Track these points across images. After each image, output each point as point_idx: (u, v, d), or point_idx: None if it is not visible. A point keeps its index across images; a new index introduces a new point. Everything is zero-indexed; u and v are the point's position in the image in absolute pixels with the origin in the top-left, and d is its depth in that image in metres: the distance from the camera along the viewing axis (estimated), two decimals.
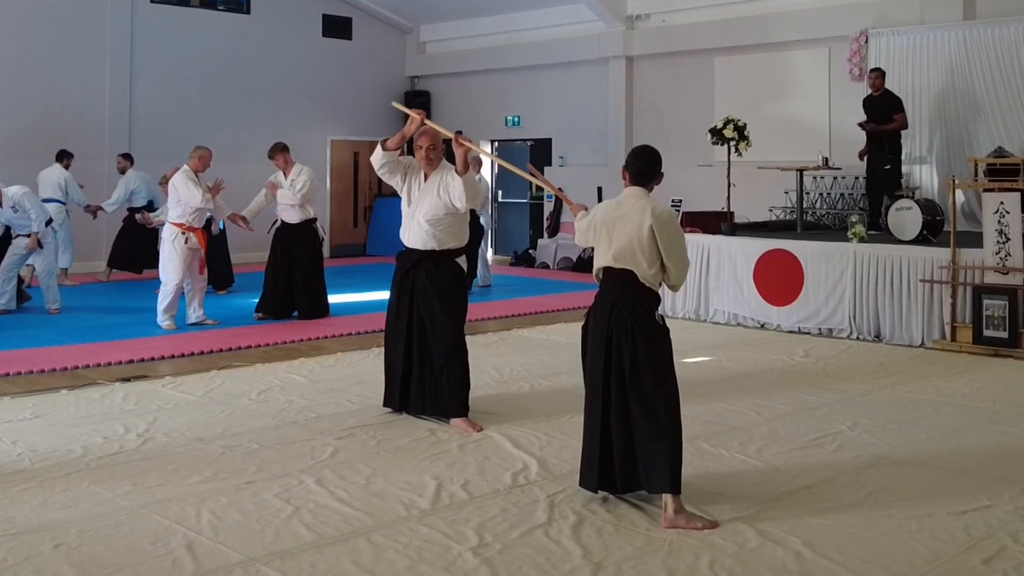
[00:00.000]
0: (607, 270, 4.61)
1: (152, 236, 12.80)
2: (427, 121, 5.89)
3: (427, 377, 5.99)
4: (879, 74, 11.13)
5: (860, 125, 11.07)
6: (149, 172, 13.64)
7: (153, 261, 12.74)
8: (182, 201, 9.48)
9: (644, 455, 4.40)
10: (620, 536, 4.21)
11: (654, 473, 4.37)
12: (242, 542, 4.12)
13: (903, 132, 11.07)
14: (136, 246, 13.32)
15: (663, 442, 4.35)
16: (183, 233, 9.49)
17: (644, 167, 4.66)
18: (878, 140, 10.90)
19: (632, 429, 4.43)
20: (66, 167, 13.02)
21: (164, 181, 11.80)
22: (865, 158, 11.22)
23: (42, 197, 12.04)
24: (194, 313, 9.78)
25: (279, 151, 10.33)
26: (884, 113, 10.91)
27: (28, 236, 10.21)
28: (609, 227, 4.59)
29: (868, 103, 11.13)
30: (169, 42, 15.85)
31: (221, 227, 11.60)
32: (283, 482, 4.91)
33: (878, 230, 10.30)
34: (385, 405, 6.26)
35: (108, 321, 10.06)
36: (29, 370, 7.57)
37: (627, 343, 4.45)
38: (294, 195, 10.16)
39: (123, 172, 13.53)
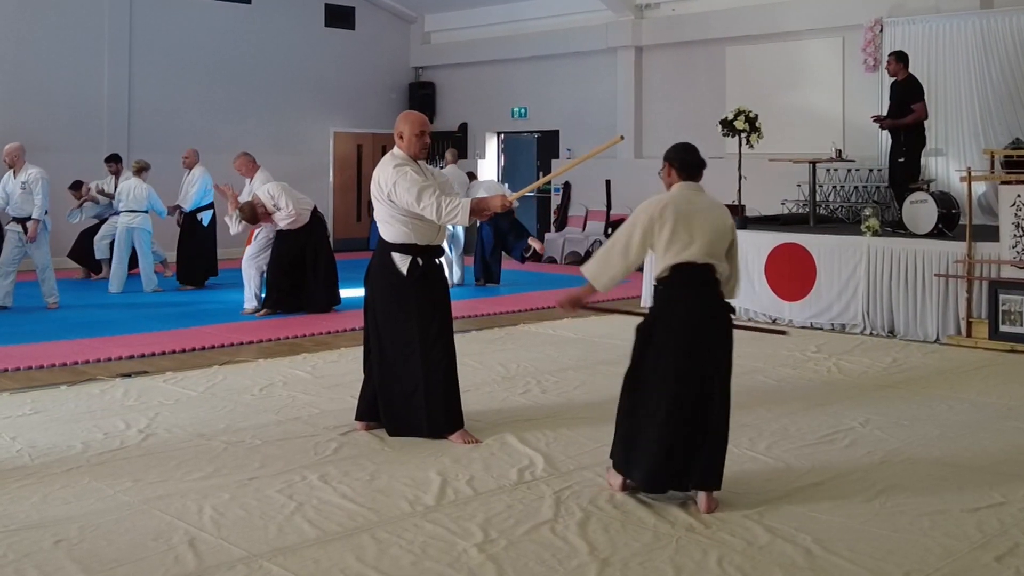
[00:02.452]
0: (689, 266, 4.45)
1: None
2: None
3: None
4: (893, 59, 10.72)
5: (876, 120, 10.76)
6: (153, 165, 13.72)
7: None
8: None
9: (710, 452, 4.46)
10: (627, 532, 4.25)
11: (713, 470, 4.47)
12: (245, 538, 4.16)
13: (925, 122, 10.68)
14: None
15: (724, 439, 4.52)
16: None
17: (697, 159, 4.61)
18: (895, 131, 10.67)
19: (707, 427, 4.47)
20: (114, 172, 13.17)
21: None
22: (889, 150, 11.00)
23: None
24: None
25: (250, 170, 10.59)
26: (903, 101, 10.55)
27: (20, 222, 10.30)
28: (687, 221, 4.46)
29: (893, 89, 10.79)
30: (168, 33, 15.92)
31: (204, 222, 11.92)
32: (286, 478, 4.95)
33: (902, 227, 10.16)
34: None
35: (107, 316, 10.13)
36: (28, 366, 7.64)
37: (720, 341, 4.52)
38: (287, 216, 10.13)
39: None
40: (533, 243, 12.73)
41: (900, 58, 10.70)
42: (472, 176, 13.81)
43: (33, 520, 4.38)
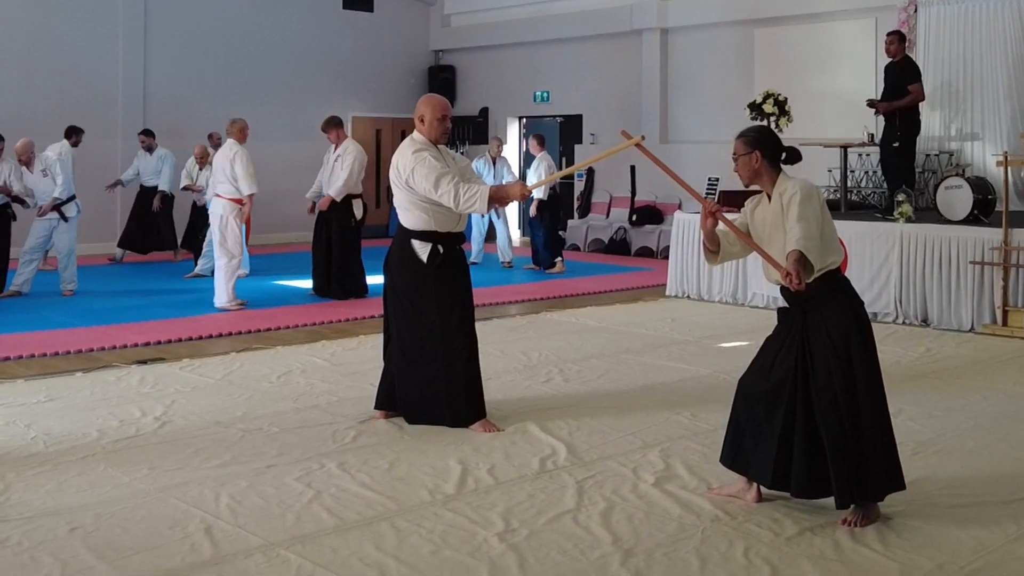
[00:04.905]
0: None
1: (165, 218, 13.50)
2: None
3: None
4: (895, 38, 10.42)
5: (870, 104, 10.43)
6: (165, 150, 13.81)
7: (161, 243, 13.60)
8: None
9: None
10: (651, 523, 4.25)
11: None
12: (262, 526, 4.19)
13: (920, 106, 10.35)
14: (146, 227, 13.63)
15: None
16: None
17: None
18: (890, 115, 10.30)
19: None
20: (74, 144, 13.02)
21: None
22: (880, 136, 10.63)
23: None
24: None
25: (333, 125, 10.62)
26: (900, 82, 10.23)
27: (54, 209, 10.38)
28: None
29: (888, 71, 10.49)
30: (184, 16, 15.95)
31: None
32: (304, 466, 4.98)
33: (889, 214, 10.06)
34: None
35: (124, 303, 10.19)
36: (43, 353, 7.70)
37: None
38: (341, 169, 10.41)
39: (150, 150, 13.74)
40: (559, 266, 12.93)
41: (902, 39, 10.48)
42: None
43: (48, 508, 4.41)
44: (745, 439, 4.43)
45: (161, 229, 13.65)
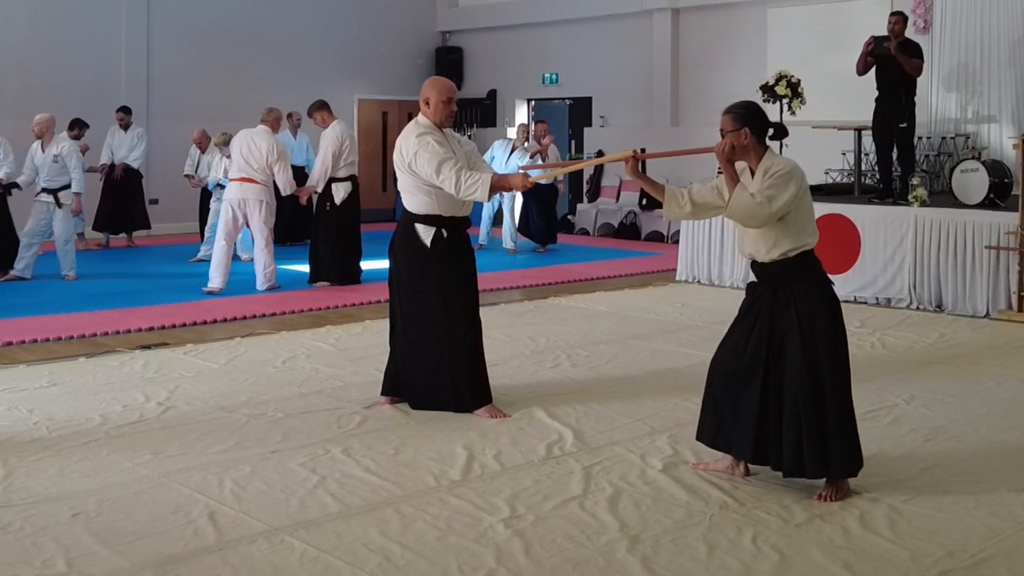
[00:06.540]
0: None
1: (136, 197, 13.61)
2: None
3: None
4: (900, 18, 10.16)
5: (876, 40, 9.96)
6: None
7: (135, 223, 13.66)
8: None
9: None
10: (659, 509, 4.27)
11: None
12: (266, 512, 4.22)
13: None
14: (120, 207, 13.65)
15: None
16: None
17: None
18: (893, 89, 10.03)
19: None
20: (75, 138, 12.64)
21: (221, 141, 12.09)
22: (873, 110, 10.34)
23: None
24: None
25: (316, 109, 10.62)
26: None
27: (51, 193, 10.45)
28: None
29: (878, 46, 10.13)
30: None
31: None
32: (309, 451, 5.01)
33: (890, 197, 9.99)
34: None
35: (127, 287, 10.23)
36: (45, 337, 7.73)
37: None
38: (318, 156, 10.50)
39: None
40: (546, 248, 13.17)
41: (905, 19, 10.24)
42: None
43: (51, 493, 4.45)
44: (725, 416, 4.53)
45: (135, 208, 13.69)
